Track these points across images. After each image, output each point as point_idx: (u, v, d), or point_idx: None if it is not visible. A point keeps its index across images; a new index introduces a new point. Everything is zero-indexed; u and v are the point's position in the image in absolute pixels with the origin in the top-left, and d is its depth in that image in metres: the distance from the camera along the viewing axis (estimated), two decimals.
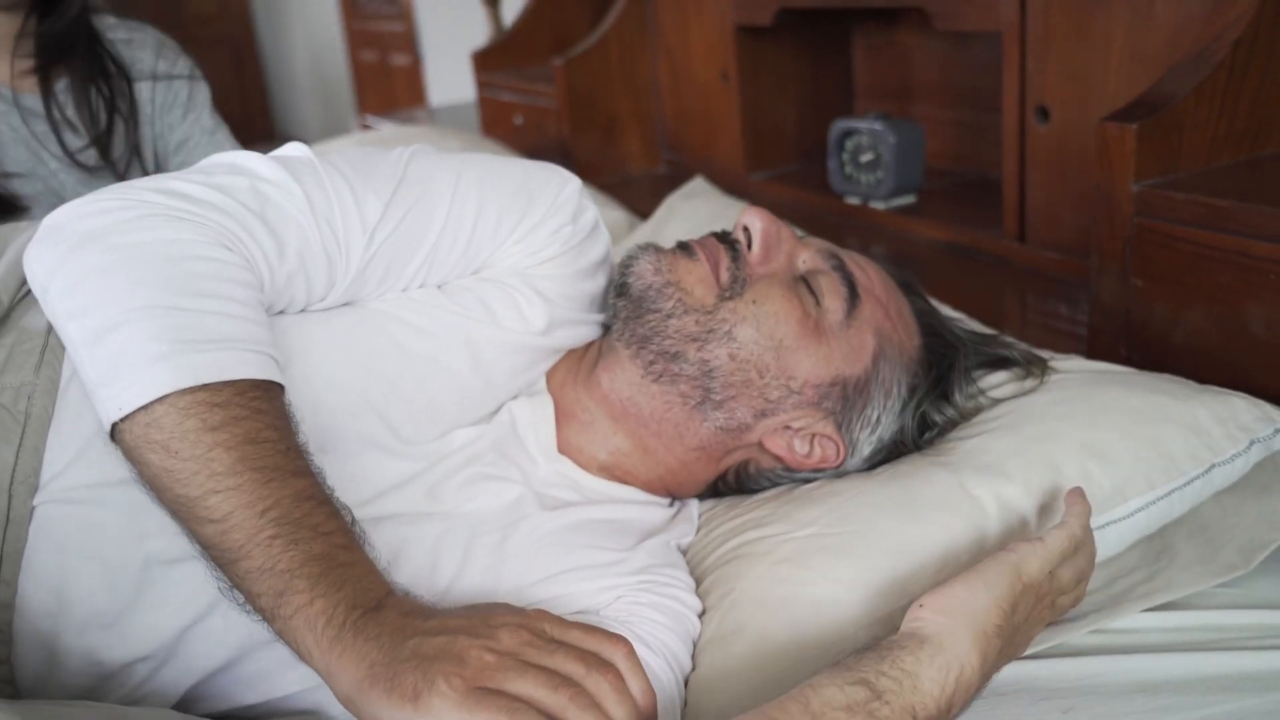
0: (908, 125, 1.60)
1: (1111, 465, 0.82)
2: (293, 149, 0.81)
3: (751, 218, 0.88)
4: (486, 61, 2.53)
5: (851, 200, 1.67)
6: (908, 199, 1.64)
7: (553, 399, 0.90)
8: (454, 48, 3.76)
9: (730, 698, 0.73)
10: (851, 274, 0.87)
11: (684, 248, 0.88)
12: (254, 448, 0.65)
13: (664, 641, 0.75)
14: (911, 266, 1.45)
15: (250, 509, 0.63)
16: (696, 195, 1.63)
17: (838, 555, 0.78)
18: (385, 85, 4.85)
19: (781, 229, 0.89)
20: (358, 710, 0.58)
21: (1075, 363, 0.99)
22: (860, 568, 0.77)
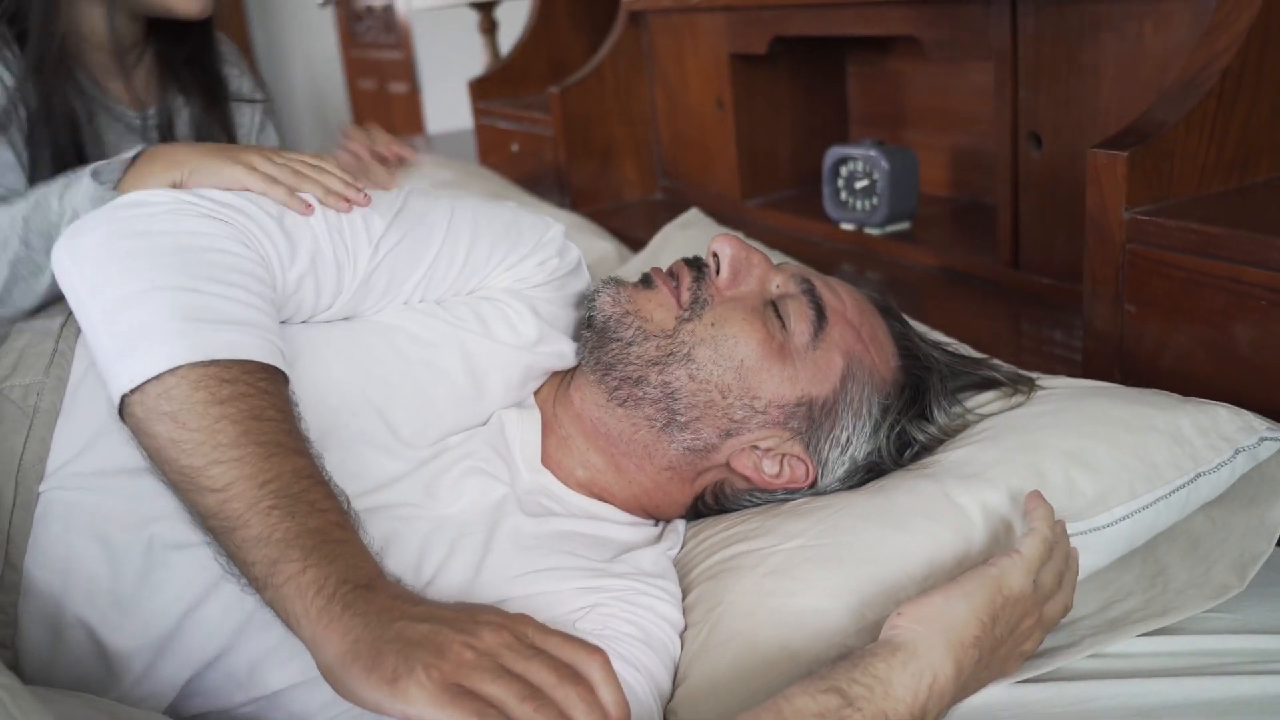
0: (902, 152, 1.61)
1: (1095, 473, 0.82)
2: None
3: (721, 244, 0.90)
4: (483, 89, 2.56)
5: (846, 226, 1.68)
6: (902, 225, 1.65)
7: (540, 413, 0.93)
8: (451, 76, 3.78)
9: (719, 709, 0.74)
10: (820, 297, 0.89)
11: (645, 279, 0.91)
12: (258, 424, 0.68)
13: (639, 658, 0.76)
14: (906, 292, 1.46)
15: (251, 480, 0.66)
16: (692, 225, 1.63)
17: (824, 566, 0.79)
18: (383, 113, 4.89)
19: (752, 254, 0.91)
20: (336, 683, 0.59)
21: (1061, 380, 0.99)
22: (846, 577, 0.78)
